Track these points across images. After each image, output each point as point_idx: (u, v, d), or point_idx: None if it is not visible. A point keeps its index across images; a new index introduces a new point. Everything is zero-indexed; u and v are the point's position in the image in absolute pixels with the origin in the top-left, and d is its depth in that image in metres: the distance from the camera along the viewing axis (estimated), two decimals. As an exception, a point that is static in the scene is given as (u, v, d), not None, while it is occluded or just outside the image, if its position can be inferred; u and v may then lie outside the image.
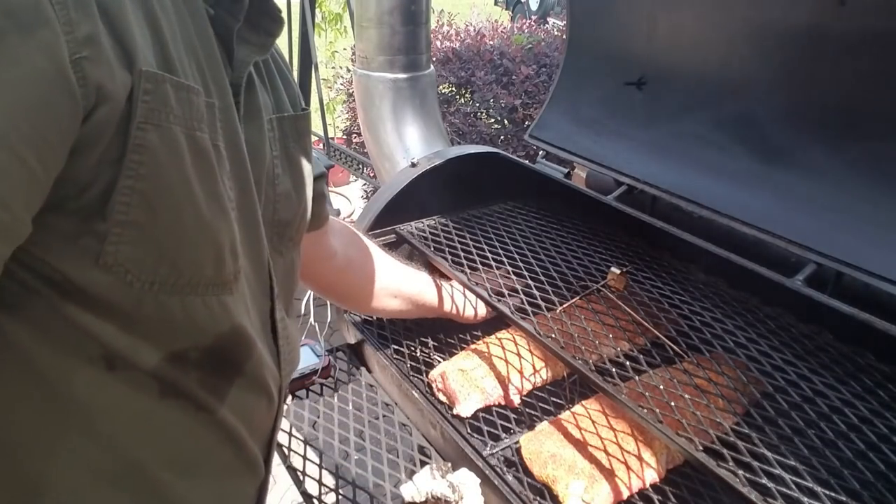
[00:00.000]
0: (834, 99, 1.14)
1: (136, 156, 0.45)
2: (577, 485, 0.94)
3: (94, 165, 0.44)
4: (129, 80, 0.44)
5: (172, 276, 0.50)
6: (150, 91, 0.45)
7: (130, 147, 0.45)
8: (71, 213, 0.45)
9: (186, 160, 0.49)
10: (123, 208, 0.45)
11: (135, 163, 0.45)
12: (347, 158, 3.33)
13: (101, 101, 0.43)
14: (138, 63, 0.45)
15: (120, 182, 0.45)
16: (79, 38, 0.41)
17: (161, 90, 0.46)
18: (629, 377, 0.95)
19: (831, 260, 1.08)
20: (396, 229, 1.42)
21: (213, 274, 0.54)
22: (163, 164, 0.47)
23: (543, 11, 8.52)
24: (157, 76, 0.46)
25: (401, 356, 1.30)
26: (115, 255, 0.47)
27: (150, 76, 0.45)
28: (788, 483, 0.76)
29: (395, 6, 1.79)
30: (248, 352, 0.60)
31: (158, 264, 0.49)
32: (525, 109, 3.07)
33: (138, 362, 0.51)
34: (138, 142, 0.45)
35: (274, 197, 0.65)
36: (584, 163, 1.56)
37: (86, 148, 0.43)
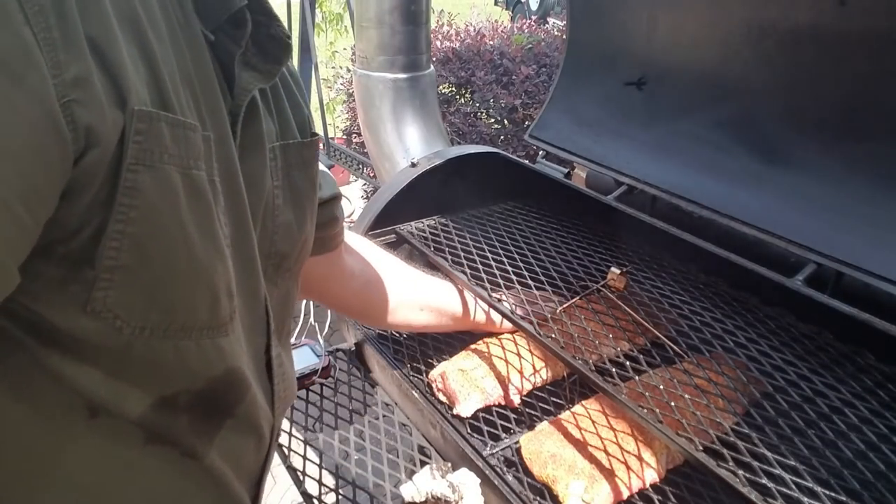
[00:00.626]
0: (834, 99, 1.14)
1: (126, 199, 0.43)
2: (577, 485, 0.94)
3: (84, 209, 0.42)
4: (122, 119, 0.42)
5: (165, 321, 0.48)
6: (143, 131, 0.43)
7: (121, 190, 0.43)
8: (59, 258, 0.43)
9: (181, 201, 0.46)
10: (113, 253, 0.43)
11: (125, 206, 0.43)
12: (347, 158, 3.33)
13: (91, 144, 0.41)
14: (131, 102, 0.42)
15: (110, 226, 0.43)
16: (68, 80, 0.39)
17: (155, 129, 0.44)
18: (629, 377, 0.95)
19: (831, 260, 1.08)
20: (396, 229, 1.42)
21: (208, 317, 0.52)
22: (155, 207, 0.45)
23: (543, 11, 8.52)
24: (150, 115, 0.44)
25: (401, 356, 1.30)
26: (103, 301, 0.45)
27: (143, 115, 0.43)
28: (788, 483, 0.76)
29: (395, 6, 1.79)
30: (242, 394, 0.58)
31: (149, 309, 0.47)
32: (525, 109, 3.07)
33: (124, 410, 0.49)
34: (129, 184, 0.43)
35: (273, 228, 0.62)
36: (584, 163, 1.56)
37: (76, 192, 0.41)
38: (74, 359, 0.46)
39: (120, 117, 0.42)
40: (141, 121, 0.43)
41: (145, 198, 0.44)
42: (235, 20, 0.54)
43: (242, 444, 0.61)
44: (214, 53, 0.53)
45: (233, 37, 0.55)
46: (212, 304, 0.51)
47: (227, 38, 0.54)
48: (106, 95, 0.41)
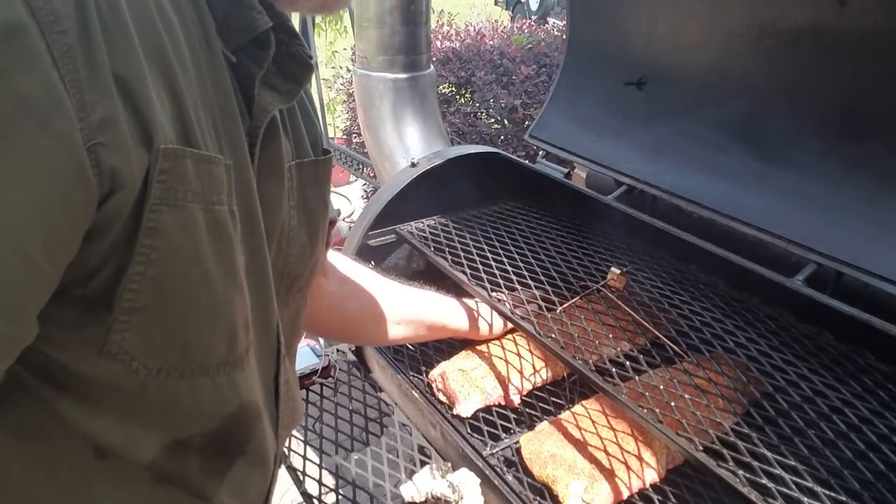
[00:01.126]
0: (834, 99, 1.14)
1: (148, 240, 0.42)
2: (577, 485, 0.94)
3: (104, 250, 0.41)
4: (147, 159, 0.41)
5: (182, 362, 0.48)
6: (167, 170, 0.42)
7: (143, 231, 0.42)
8: (74, 300, 0.42)
9: (203, 239, 0.45)
10: (132, 296, 0.43)
11: (147, 247, 0.42)
12: (347, 158, 3.33)
13: (116, 187, 0.40)
14: (157, 141, 0.41)
15: (130, 268, 0.42)
16: (94, 122, 0.38)
17: (180, 167, 0.43)
18: (629, 377, 0.95)
19: (831, 260, 1.08)
20: (396, 229, 1.42)
21: (226, 353, 0.51)
22: (177, 247, 0.44)
23: (543, 11, 8.52)
24: (175, 152, 0.43)
25: (401, 356, 1.30)
26: (120, 344, 0.44)
27: (168, 153, 0.42)
28: (788, 483, 0.76)
29: (395, 6, 1.79)
30: (253, 428, 0.57)
31: (167, 350, 0.46)
32: (525, 109, 3.07)
33: (134, 455, 0.49)
34: (151, 225, 0.42)
35: (287, 250, 0.61)
36: (584, 163, 1.56)
37: (98, 234, 0.40)
38: (85, 403, 0.45)
39: (145, 156, 0.41)
40: (166, 159, 0.42)
41: (167, 238, 0.43)
42: (259, 41, 0.52)
43: (250, 477, 0.60)
44: (235, 74, 0.52)
45: (255, 58, 0.53)
46: (229, 340, 0.51)
47: (248, 60, 0.53)
48: (132, 135, 0.40)
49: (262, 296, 0.56)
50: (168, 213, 0.42)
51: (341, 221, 3.00)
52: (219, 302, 0.48)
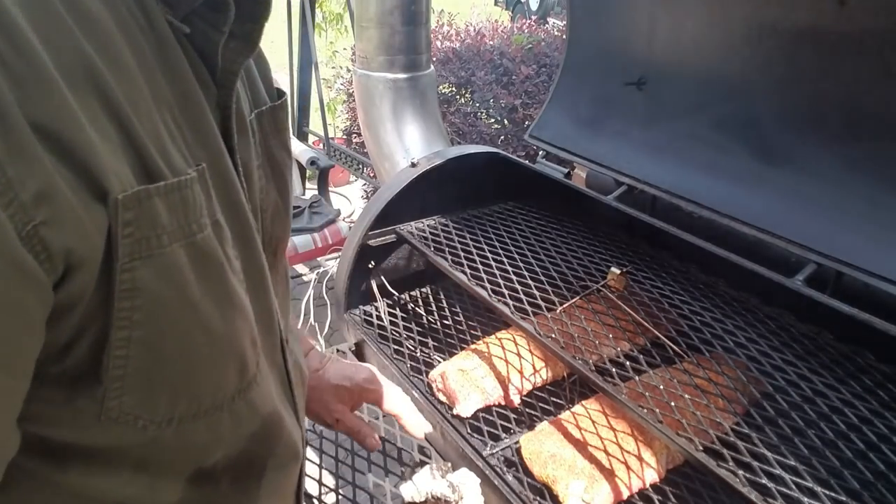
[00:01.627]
0: (834, 99, 1.14)
1: (126, 302, 0.37)
2: (577, 485, 0.94)
3: (74, 325, 0.36)
4: (104, 215, 0.35)
5: (193, 406, 0.44)
6: (132, 221, 0.36)
7: (118, 294, 0.36)
8: (55, 379, 0.37)
9: (189, 279, 0.40)
10: (120, 362, 0.38)
11: (126, 310, 0.37)
12: (347, 158, 3.33)
13: (73, 265, 0.34)
14: (113, 190, 0.34)
15: (112, 335, 0.37)
16: (26, 200, 0.31)
17: (147, 210, 0.37)
18: (629, 377, 0.95)
19: (831, 260, 1.08)
20: (396, 229, 1.42)
21: (238, 381, 0.47)
22: (161, 299, 0.39)
23: (543, 11, 8.51)
24: (138, 196, 0.36)
25: (401, 356, 1.30)
26: (119, 408, 0.40)
27: (129, 202, 0.35)
28: (788, 483, 0.76)
29: (395, 6, 1.79)
30: (279, 433, 0.54)
31: (174, 401, 0.43)
32: (525, 109, 3.07)
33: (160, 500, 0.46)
34: (126, 286, 0.36)
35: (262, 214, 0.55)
36: (584, 163, 1.56)
37: (63, 313, 0.35)
38: (95, 468, 0.42)
39: (102, 214, 0.34)
40: (128, 209, 0.35)
41: (148, 294, 0.38)
42: (213, 3, 0.44)
43: (283, 474, 0.58)
44: (190, 42, 0.44)
45: (212, 21, 0.44)
46: (240, 368, 0.47)
47: (205, 24, 0.44)
48: (79, 196, 0.33)
49: (261, 290, 0.51)
50: (143, 268, 0.37)
51: (341, 221, 2.99)
52: (221, 338, 0.44)
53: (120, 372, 0.38)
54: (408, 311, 1.46)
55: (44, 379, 0.36)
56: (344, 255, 1.44)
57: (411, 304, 1.47)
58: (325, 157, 3.25)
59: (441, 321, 1.40)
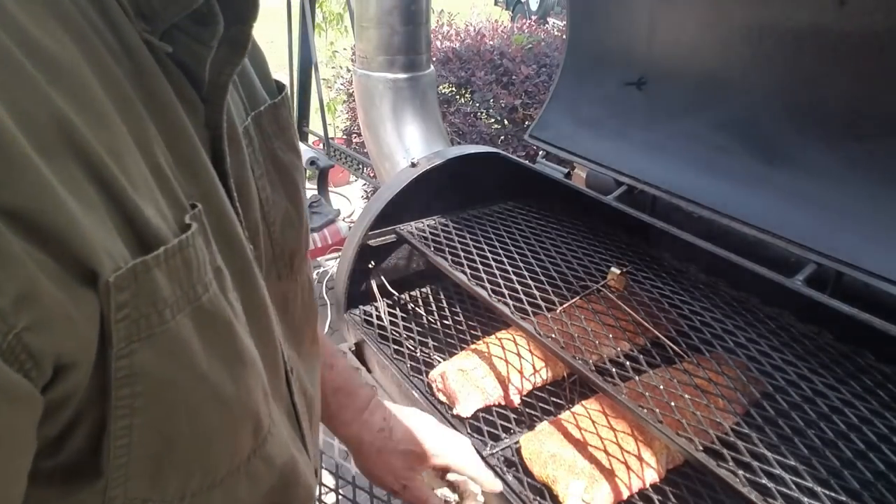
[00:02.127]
0: (834, 99, 1.14)
1: (125, 390, 0.33)
2: (577, 485, 0.94)
3: (66, 420, 0.32)
4: (96, 302, 0.30)
5: (208, 479, 0.40)
6: (128, 302, 0.31)
7: (114, 383, 0.32)
8: (48, 475, 0.33)
9: (197, 349, 0.36)
10: (122, 451, 0.34)
11: (126, 398, 0.33)
12: (347, 158, 3.33)
13: (63, 367, 0.29)
14: (104, 272, 0.30)
15: (111, 425, 0.33)
16: (5, 307, 0.26)
17: (145, 285, 0.32)
18: (629, 377, 0.95)
19: (831, 260, 1.08)
20: (396, 229, 1.42)
21: (254, 441, 0.43)
22: (165, 380, 0.34)
23: (543, 11, 8.52)
24: (134, 271, 0.31)
25: (401, 356, 1.30)
26: (124, 496, 0.36)
27: (123, 281, 0.31)
28: (788, 483, 0.76)
29: (395, 6, 1.79)
30: (296, 479, 0.50)
31: (187, 478, 0.39)
32: (525, 109, 3.07)
33: None
34: (123, 373, 0.32)
35: (270, 227, 0.50)
36: (584, 163, 1.56)
37: (54, 412, 0.31)
38: None
39: (93, 301, 0.30)
40: (122, 289, 0.31)
41: (150, 378, 0.34)
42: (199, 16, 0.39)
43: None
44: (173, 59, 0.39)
45: (197, 36, 0.39)
46: (255, 427, 0.43)
47: (188, 39, 0.39)
48: (65, 288, 0.29)
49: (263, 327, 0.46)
50: (143, 350, 0.33)
51: (341, 221, 3.00)
52: (234, 403, 0.40)
53: (123, 461, 0.34)
54: (408, 311, 1.46)
55: (35, 477, 0.31)
56: (344, 255, 1.44)
57: (411, 304, 1.47)
58: (325, 157, 3.25)
59: (441, 321, 1.40)
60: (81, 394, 0.31)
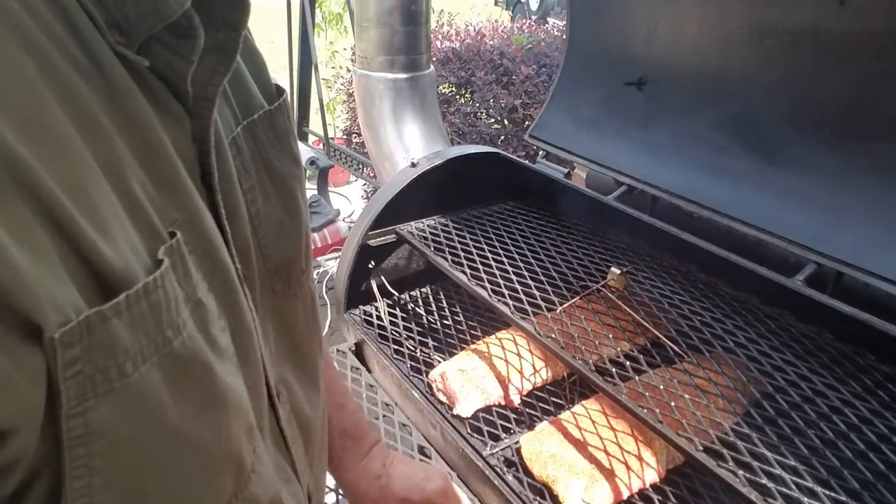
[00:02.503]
0: (834, 99, 1.14)
1: (80, 450, 0.29)
2: (577, 485, 0.94)
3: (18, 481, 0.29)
4: (41, 358, 0.27)
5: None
6: (78, 358, 0.28)
7: (67, 443, 0.29)
8: None
9: (166, 400, 0.33)
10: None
11: (81, 458, 0.29)
12: (347, 158, 3.33)
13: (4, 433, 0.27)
14: (49, 327, 0.27)
15: (68, 485, 0.29)
16: None
17: (100, 338, 0.29)
18: (629, 377, 0.95)
19: (831, 260, 1.08)
20: (396, 229, 1.42)
21: (234, 483, 0.40)
22: (128, 438, 0.31)
23: (543, 11, 8.52)
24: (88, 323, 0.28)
25: (401, 356, 1.30)
26: None
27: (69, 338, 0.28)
28: (788, 483, 0.76)
29: (395, 6, 1.79)
30: None
31: None
32: (525, 109, 3.07)
33: None
34: (77, 432, 0.29)
35: (261, 241, 0.47)
36: (584, 163, 1.57)
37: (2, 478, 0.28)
38: None
39: (38, 358, 0.27)
40: (69, 346, 0.28)
41: (108, 437, 0.30)
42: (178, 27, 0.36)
43: None
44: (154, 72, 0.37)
45: (177, 48, 0.36)
46: (237, 470, 0.40)
47: (168, 52, 0.36)
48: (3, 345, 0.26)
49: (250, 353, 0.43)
50: (100, 406, 0.29)
51: (341, 221, 3.00)
52: (212, 450, 0.37)
53: None
54: (408, 311, 1.46)
55: None
56: (344, 255, 1.44)
57: (411, 304, 1.47)
58: (325, 157, 3.25)
59: (441, 321, 1.40)
60: (32, 456, 0.28)
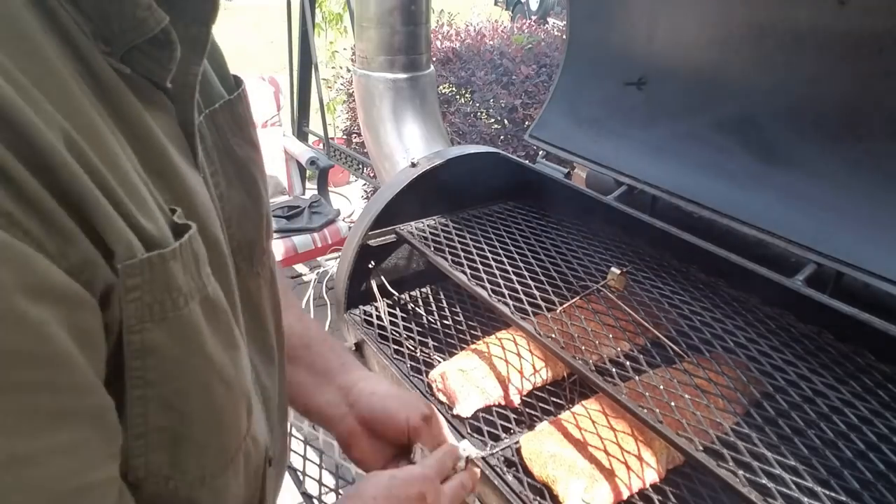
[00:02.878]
0: (834, 99, 1.14)
1: (137, 362, 0.36)
2: (577, 485, 0.94)
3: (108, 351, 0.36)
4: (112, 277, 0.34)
5: (222, 458, 0.44)
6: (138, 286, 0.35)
7: (127, 354, 0.36)
8: None
9: (205, 333, 0.40)
10: (140, 420, 0.37)
11: (138, 370, 0.36)
12: (347, 158, 3.33)
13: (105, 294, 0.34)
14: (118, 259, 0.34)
15: (128, 393, 0.36)
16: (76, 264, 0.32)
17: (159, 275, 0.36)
18: (629, 377, 0.95)
19: (831, 260, 1.08)
20: (396, 229, 1.42)
21: (248, 419, 0.47)
22: (178, 359, 0.38)
23: (543, 11, 8.52)
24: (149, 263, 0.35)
25: (401, 356, 1.30)
26: (145, 468, 0.38)
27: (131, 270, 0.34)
28: (788, 483, 0.76)
29: (395, 6, 1.79)
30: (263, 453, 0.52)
31: (203, 458, 0.42)
32: (525, 109, 3.07)
33: None
34: (135, 347, 0.36)
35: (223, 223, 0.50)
36: (584, 163, 1.56)
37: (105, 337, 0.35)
38: None
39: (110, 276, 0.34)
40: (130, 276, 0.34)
41: (161, 356, 0.37)
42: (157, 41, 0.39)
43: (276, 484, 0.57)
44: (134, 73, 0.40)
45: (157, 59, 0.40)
46: (248, 406, 0.47)
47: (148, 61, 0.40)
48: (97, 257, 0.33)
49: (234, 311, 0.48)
50: (155, 331, 0.36)
51: (341, 221, 3.00)
52: (234, 383, 0.43)
53: (141, 430, 0.37)
54: (408, 311, 1.46)
55: None
56: (344, 255, 1.44)
57: (411, 304, 1.47)
58: (325, 157, 3.25)
59: (441, 321, 1.40)
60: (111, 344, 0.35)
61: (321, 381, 0.75)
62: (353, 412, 0.73)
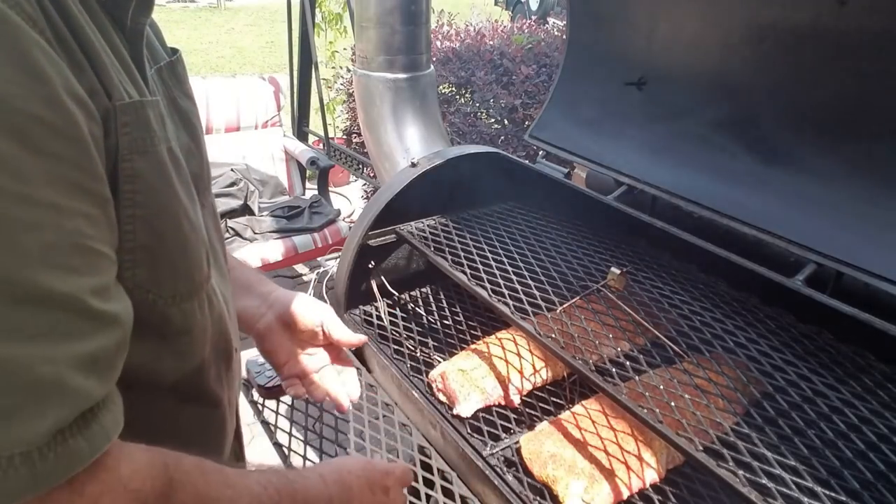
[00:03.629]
0: (834, 99, 1.14)
1: (129, 185, 0.47)
2: (577, 485, 0.94)
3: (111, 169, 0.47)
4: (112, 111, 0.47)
5: (188, 285, 0.55)
6: (129, 123, 0.47)
7: (121, 179, 0.47)
8: None
9: (172, 175, 0.52)
10: (129, 236, 0.48)
11: (129, 192, 0.48)
12: (347, 158, 3.33)
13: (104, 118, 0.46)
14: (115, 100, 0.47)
15: (121, 212, 0.47)
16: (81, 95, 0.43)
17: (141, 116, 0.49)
18: (629, 377, 0.95)
19: (831, 260, 1.08)
20: (396, 229, 1.42)
21: (206, 268, 0.58)
22: (156, 186, 0.50)
23: (543, 11, 8.52)
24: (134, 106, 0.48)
25: (401, 356, 1.30)
26: (133, 280, 0.49)
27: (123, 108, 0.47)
28: (788, 483, 0.76)
29: (395, 6, 1.79)
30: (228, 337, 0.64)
31: (175, 280, 0.53)
32: (525, 109, 3.07)
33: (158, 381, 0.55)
34: (127, 172, 0.47)
35: None
36: (584, 163, 1.56)
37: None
38: None
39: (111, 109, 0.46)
40: (123, 113, 0.47)
41: (145, 181, 0.49)
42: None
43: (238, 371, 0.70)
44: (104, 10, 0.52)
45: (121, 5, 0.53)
46: (207, 256, 0.58)
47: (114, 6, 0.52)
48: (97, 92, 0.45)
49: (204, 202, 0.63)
50: (140, 160, 0.48)
51: (341, 221, 2.99)
52: (195, 225, 0.55)
53: (130, 245, 0.48)
54: (408, 311, 1.46)
55: None
56: (344, 255, 1.44)
57: (411, 304, 1.47)
58: (325, 157, 3.25)
59: (441, 321, 1.40)
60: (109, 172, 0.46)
61: (244, 291, 0.88)
62: (273, 311, 0.87)
